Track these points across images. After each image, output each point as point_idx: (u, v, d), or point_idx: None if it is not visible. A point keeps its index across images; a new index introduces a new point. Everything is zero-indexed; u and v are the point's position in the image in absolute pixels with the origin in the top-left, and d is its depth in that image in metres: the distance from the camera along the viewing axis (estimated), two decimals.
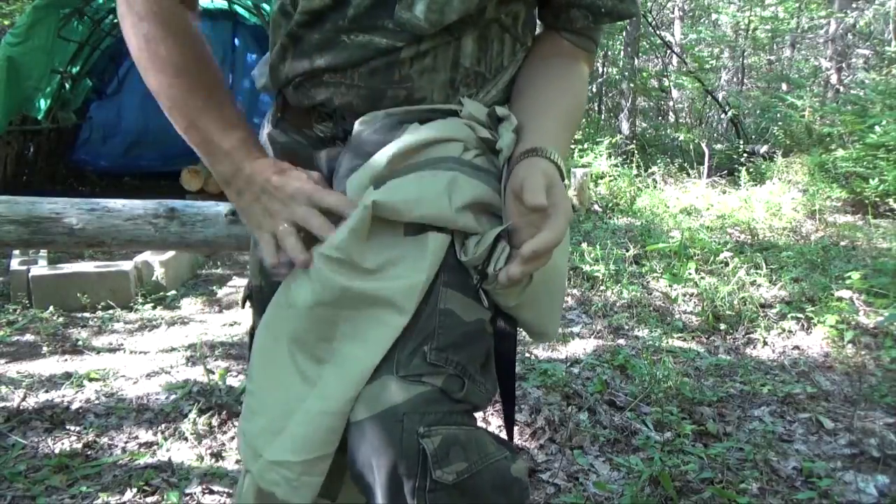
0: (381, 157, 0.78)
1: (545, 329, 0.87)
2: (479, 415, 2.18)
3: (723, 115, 9.65)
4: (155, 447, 1.97)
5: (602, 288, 3.68)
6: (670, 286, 3.64)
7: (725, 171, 7.58)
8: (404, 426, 0.67)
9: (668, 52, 10.18)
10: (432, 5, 0.77)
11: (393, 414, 0.68)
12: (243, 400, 0.83)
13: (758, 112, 10.06)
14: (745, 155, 7.66)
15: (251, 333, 1.04)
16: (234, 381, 2.41)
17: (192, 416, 2.10)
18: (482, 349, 0.78)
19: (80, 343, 2.84)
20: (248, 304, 1.04)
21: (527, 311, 0.83)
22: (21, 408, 2.18)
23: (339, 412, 0.71)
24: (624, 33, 9.63)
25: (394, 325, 0.73)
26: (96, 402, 2.27)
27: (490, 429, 2.11)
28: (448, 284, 0.76)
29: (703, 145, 7.66)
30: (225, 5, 6.52)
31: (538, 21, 0.95)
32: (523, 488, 0.74)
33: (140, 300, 3.38)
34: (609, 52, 10.62)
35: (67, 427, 2.07)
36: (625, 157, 7.56)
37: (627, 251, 4.30)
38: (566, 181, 0.81)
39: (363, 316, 0.74)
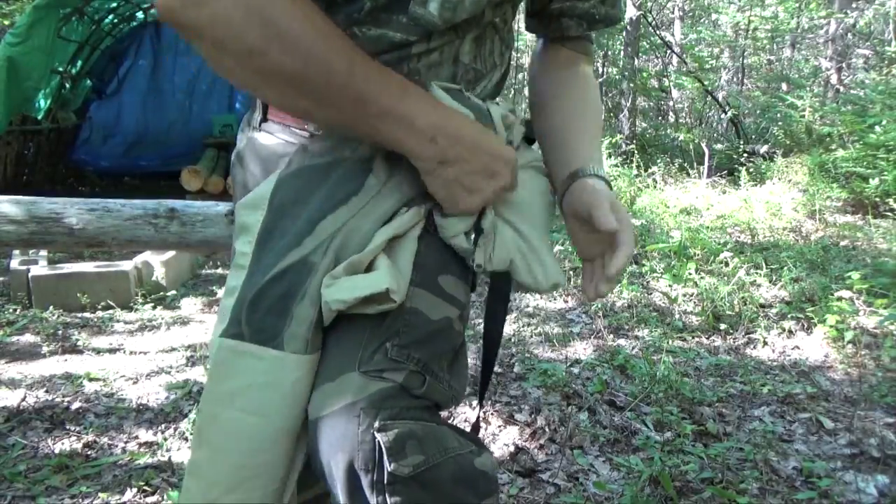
0: None
1: (536, 284, 0.88)
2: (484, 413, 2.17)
3: (723, 115, 9.65)
4: (155, 447, 1.97)
5: None
6: (670, 286, 3.64)
7: (725, 171, 7.57)
8: (360, 420, 0.67)
9: (668, 52, 10.17)
10: (446, 3, 0.79)
11: (351, 409, 0.68)
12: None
13: (758, 112, 10.06)
14: (745, 155, 7.65)
15: None
16: None
17: (192, 416, 2.10)
18: (448, 347, 0.78)
19: (80, 343, 2.84)
20: None
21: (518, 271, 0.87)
22: (21, 408, 2.18)
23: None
24: (624, 33, 9.63)
25: None
26: (96, 402, 2.27)
27: (494, 425, 2.11)
28: (417, 283, 0.77)
29: (703, 145, 7.65)
30: None
31: (530, 32, 1.01)
32: (491, 481, 0.74)
33: (140, 300, 3.38)
34: (609, 52, 10.62)
35: (67, 427, 2.07)
36: (625, 157, 7.56)
37: None
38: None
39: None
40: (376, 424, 0.67)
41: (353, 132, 0.77)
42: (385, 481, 0.67)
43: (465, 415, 2.17)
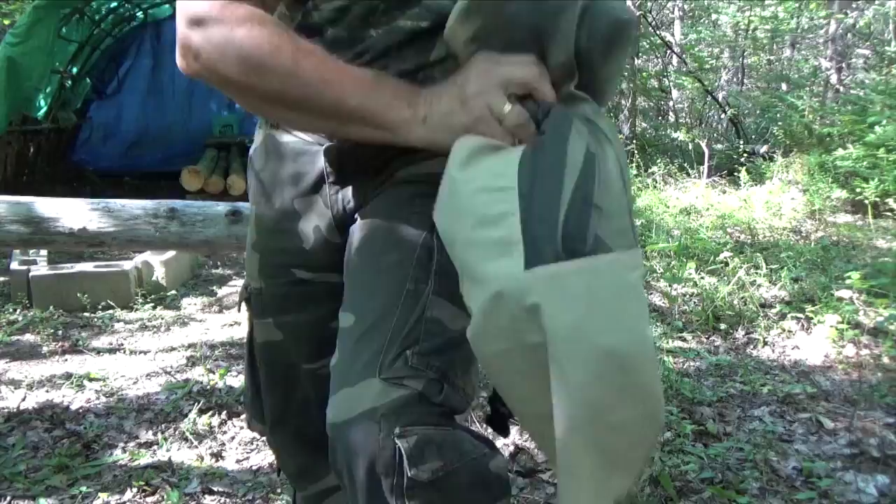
0: None
1: None
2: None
3: (723, 115, 9.64)
4: (155, 447, 1.97)
5: None
6: (670, 286, 3.63)
7: (725, 171, 7.56)
8: (381, 426, 0.69)
9: (668, 52, 10.16)
10: None
11: (372, 415, 0.70)
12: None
13: (758, 112, 10.05)
14: (745, 155, 7.64)
15: (250, 338, 1.04)
16: (234, 381, 2.41)
17: (192, 416, 2.10)
18: (465, 355, 0.79)
19: (80, 343, 2.84)
20: (244, 306, 1.03)
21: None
22: (21, 408, 2.18)
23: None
24: None
25: None
26: (96, 402, 2.27)
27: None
28: (438, 293, 0.78)
29: (703, 145, 7.64)
30: None
31: None
32: (504, 483, 0.75)
33: (140, 300, 3.38)
34: None
35: (67, 427, 2.07)
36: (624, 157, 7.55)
37: None
38: None
39: None
40: (396, 430, 0.69)
41: (355, 134, 0.78)
42: (405, 486, 0.68)
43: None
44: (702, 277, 3.68)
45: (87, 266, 3.47)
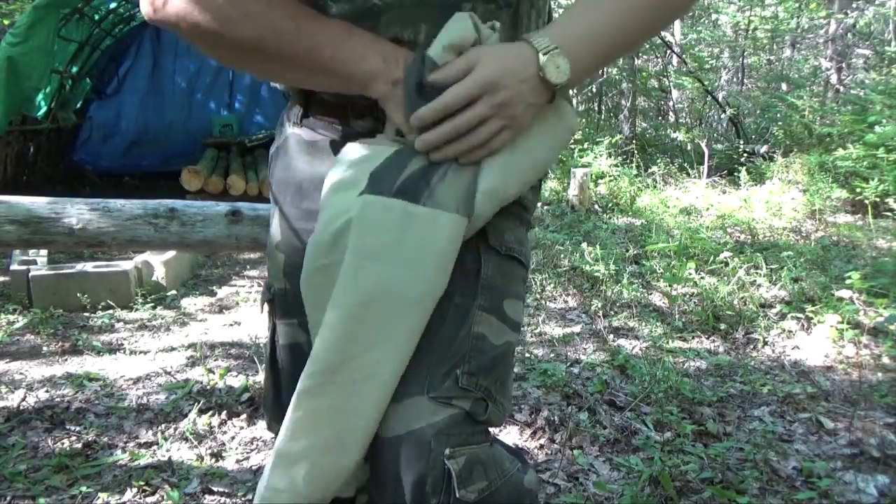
0: None
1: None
2: None
3: (723, 115, 9.64)
4: (155, 447, 1.97)
5: (602, 288, 3.68)
6: (670, 286, 3.64)
7: (725, 171, 7.56)
8: (432, 447, 0.70)
9: (668, 52, 10.16)
10: None
11: (422, 434, 0.71)
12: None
13: (758, 112, 10.05)
14: (745, 155, 7.64)
15: (272, 340, 1.02)
16: (234, 381, 2.41)
17: (192, 416, 2.10)
18: (506, 371, 0.80)
19: (80, 343, 2.84)
20: (266, 308, 1.01)
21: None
22: (21, 408, 2.18)
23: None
24: None
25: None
26: (96, 402, 2.27)
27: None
28: (483, 308, 0.78)
29: (703, 145, 7.64)
30: None
31: None
32: (534, 498, 0.78)
33: (140, 300, 3.38)
34: None
35: (67, 427, 2.07)
36: (625, 157, 7.55)
37: (627, 251, 4.30)
38: (552, 61, 0.73)
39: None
40: (446, 452, 0.70)
41: (321, 85, 0.80)
42: None
43: None
44: (702, 277, 3.68)
45: (87, 266, 3.47)
